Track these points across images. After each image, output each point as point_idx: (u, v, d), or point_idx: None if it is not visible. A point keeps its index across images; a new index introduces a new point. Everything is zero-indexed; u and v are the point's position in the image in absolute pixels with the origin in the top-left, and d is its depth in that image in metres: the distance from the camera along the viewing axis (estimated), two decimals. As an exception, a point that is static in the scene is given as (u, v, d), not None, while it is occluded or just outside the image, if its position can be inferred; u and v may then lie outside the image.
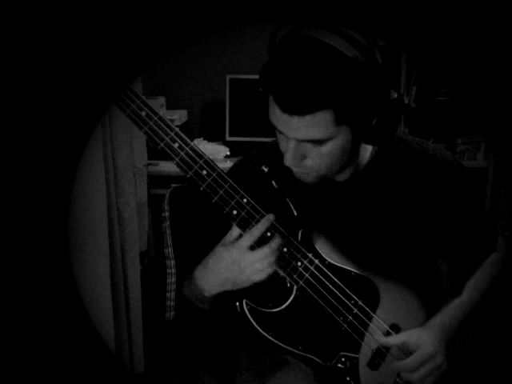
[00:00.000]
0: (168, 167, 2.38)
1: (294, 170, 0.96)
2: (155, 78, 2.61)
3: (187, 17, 1.32)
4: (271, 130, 1.01)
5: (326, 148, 0.91)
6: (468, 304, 1.08)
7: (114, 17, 0.91)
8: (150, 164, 2.15)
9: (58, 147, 0.95)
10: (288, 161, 0.92)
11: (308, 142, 0.90)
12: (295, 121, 0.86)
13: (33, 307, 0.96)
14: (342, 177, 1.04)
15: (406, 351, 1.00)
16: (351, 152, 0.96)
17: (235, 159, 1.21)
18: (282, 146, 0.95)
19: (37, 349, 0.98)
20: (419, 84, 2.57)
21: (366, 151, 1.05)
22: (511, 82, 1.04)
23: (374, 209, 1.05)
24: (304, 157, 0.93)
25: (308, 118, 0.85)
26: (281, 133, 0.92)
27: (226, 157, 2.47)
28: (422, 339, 0.99)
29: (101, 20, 0.88)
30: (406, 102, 2.59)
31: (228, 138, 2.62)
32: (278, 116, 0.88)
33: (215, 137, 2.65)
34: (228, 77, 2.60)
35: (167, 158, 0.94)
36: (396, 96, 0.91)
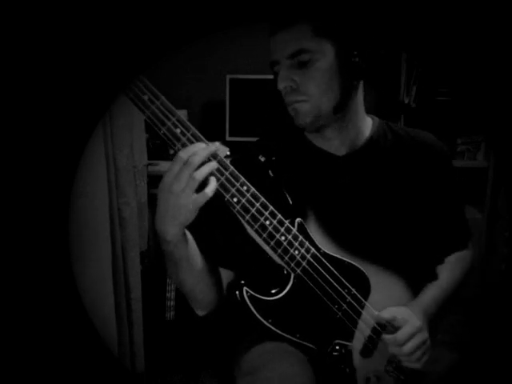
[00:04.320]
0: (168, 167, 2.38)
1: (289, 99, 1.02)
2: (155, 78, 2.61)
3: (187, 17, 1.32)
4: (271, 131, 1.02)
5: (313, 71, 0.99)
6: (445, 289, 1.15)
7: (114, 17, 0.91)
8: (150, 164, 2.15)
9: (58, 147, 0.95)
10: (280, 83, 1.01)
11: (295, 56, 0.98)
12: (281, 37, 0.99)
13: (33, 307, 0.96)
14: (341, 148, 1.09)
15: (394, 327, 1.03)
16: (342, 86, 1.01)
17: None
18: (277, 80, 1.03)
19: (37, 348, 0.98)
20: (419, 84, 2.57)
21: (365, 127, 1.11)
22: (511, 82, 1.04)
23: (369, 190, 1.08)
24: (295, 83, 1.00)
25: (290, 30, 0.98)
26: (276, 63, 1.02)
27: (226, 157, 2.47)
28: (409, 314, 1.04)
29: (101, 20, 0.88)
30: (406, 102, 2.60)
31: (228, 138, 2.62)
32: (272, 46, 1.02)
33: (215, 137, 2.65)
34: (228, 77, 2.60)
35: (169, 144, 0.91)
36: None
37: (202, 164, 0.90)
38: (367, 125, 1.12)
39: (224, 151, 0.98)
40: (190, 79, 2.76)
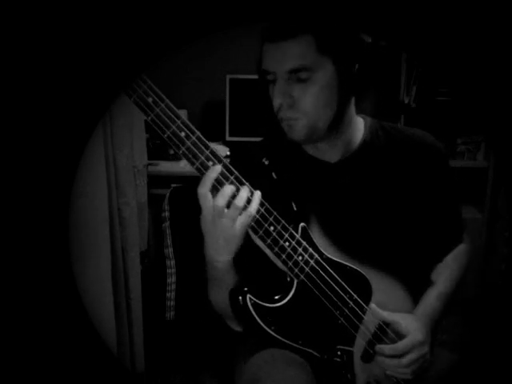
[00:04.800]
0: (168, 167, 2.38)
1: (284, 115, 0.99)
2: (155, 78, 2.61)
3: (187, 17, 1.32)
4: (270, 130, 1.02)
5: (312, 86, 0.96)
6: (445, 294, 1.13)
7: (114, 16, 0.91)
8: (150, 164, 2.15)
9: (57, 147, 0.95)
10: (276, 99, 0.97)
11: (294, 72, 0.94)
12: (280, 48, 0.94)
13: (33, 307, 0.96)
14: (333, 155, 1.08)
15: (396, 334, 1.03)
16: (339, 102, 0.99)
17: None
18: (272, 94, 0.98)
19: (37, 348, 0.98)
20: (419, 84, 2.57)
21: (357, 132, 1.09)
22: (511, 82, 1.04)
23: (365, 195, 1.08)
24: (292, 99, 0.97)
25: (291, 42, 0.93)
26: (271, 74, 0.97)
27: (226, 157, 2.48)
28: (413, 325, 1.03)
29: (101, 20, 0.88)
30: (406, 102, 2.59)
31: (228, 138, 2.62)
32: (267, 54, 0.97)
33: (215, 137, 2.65)
34: (228, 77, 2.60)
35: (173, 147, 0.91)
36: (370, 40, 0.97)
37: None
38: (359, 129, 1.10)
39: (224, 151, 0.98)
40: (189, 79, 2.76)
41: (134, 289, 1.86)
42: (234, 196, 0.91)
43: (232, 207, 0.90)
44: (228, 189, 0.90)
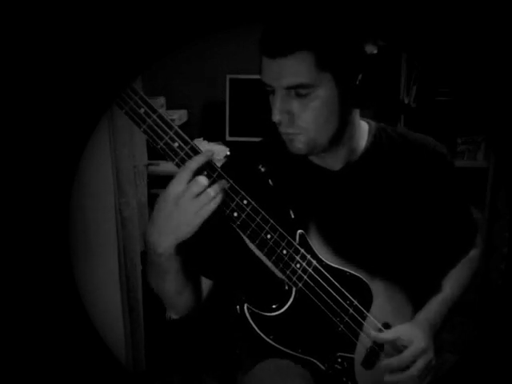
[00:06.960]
0: (168, 167, 2.38)
1: (284, 131, 0.97)
2: (155, 78, 2.61)
3: (187, 17, 1.32)
4: (271, 130, 1.02)
5: (312, 102, 0.93)
6: (450, 299, 1.12)
7: (114, 16, 0.91)
8: (150, 164, 2.15)
9: (57, 147, 0.95)
10: (275, 115, 0.94)
11: (293, 88, 0.92)
12: (279, 65, 0.90)
13: (34, 307, 0.96)
14: (336, 163, 1.05)
15: (398, 347, 1.01)
16: (340, 116, 0.96)
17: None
18: (272, 105, 0.96)
19: (38, 348, 0.98)
20: (419, 84, 2.57)
21: (361, 139, 1.07)
22: (511, 82, 1.04)
23: (369, 202, 1.06)
24: (291, 115, 0.94)
25: (290, 59, 0.89)
26: (269, 86, 0.95)
27: (226, 157, 2.48)
28: (413, 334, 1.01)
29: (101, 20, 0.88)
30: (406, 102, 2.59)
31: (228, 138, 2.62)
32: (265, 67, 0.93)
33: (215, 137, 2.65)
34: (228, 77, 2.60)
35: (167, 158, 0.92)
36: (376, 52, 0.93)
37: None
38: (363, 135, 1.08)
39: (224, 151, 0.98)
40: (189, 79, 2.76)
41: (134, 288, 1.86)
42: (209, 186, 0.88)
43: (204, 194, 0.86)
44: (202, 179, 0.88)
